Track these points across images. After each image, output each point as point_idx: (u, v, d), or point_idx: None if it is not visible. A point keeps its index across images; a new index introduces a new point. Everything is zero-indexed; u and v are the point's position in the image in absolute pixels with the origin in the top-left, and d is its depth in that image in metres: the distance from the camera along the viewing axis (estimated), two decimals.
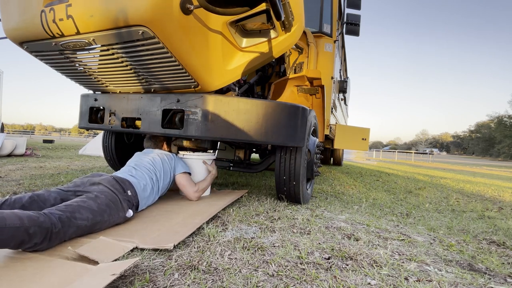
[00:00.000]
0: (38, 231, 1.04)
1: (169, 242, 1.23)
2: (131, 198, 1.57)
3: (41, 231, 1.05)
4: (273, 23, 1.84)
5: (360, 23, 3.55)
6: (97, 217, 1.31)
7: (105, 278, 0.85)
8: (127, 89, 2.04)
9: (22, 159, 4.64)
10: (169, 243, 1.21)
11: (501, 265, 1.34)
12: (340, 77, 4.92)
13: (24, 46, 1.72)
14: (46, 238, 1.08)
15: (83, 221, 1.24)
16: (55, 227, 1.11)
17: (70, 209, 1.22)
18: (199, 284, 0.96)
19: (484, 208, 2.86)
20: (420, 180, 5.58)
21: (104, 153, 2.93)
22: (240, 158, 2.62)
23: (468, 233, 1.87)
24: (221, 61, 1.76)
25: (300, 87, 2.85)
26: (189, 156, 2.23)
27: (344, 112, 6.91)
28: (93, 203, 1.33)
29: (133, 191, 1.61)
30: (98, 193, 1.41)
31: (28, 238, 1.02)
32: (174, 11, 1.39)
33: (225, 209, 1.93)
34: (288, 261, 1.18)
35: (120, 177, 1.61)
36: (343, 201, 2.64)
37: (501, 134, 57.57)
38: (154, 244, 1.21)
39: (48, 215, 1.12)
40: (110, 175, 1.60)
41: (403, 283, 1.05)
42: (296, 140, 1.98)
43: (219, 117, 1.82)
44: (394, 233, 1.70)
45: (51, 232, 1.09)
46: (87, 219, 1.26)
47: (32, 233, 1.02)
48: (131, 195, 1.58)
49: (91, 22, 1.41)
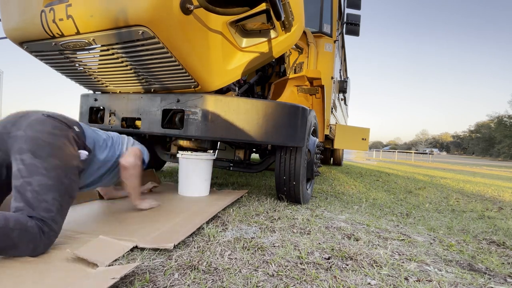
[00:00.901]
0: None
1: (169, 242, 1.22)
2: (79, 135, 1.28)
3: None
4: (273, 23, 1.84)
5: (360, 23, 3.56)
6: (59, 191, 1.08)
7: (105, 281, 0.85)
8: (127, 89, 2.04)
9: None
10: (169, 243, 1.21)
11: (501, 265, 1.34)
12: (340, 77, 4.92)
13: (24, 46, 1.72)
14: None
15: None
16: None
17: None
18: (199, 284, 0.96)
19: (484, 208, 2.86)
20: (420, 180, 5.58)
21: None
22: (240, 158, 2.62)
23: (468, 233, 1.87)
24: (221, 61, 1.76)
25: (300, 87, 2.85)
26: (188, 156, 2.23)
27: (344, 112, 6.91)
28: (41, 178, 1.06)
29: (80, 129, 1.32)
30: (34, 150, 1.08)
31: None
32: (174, 11, 1.39)
33: (225, 209, 1.93)
34: (288, 261, 1.18)
35: (59, 113, 1.28)
36: (343, 201, 2.64)
37: (501, 134, 57.57)
38: (154, 244, 1.21)
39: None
40: (42, 113, 1.21)
41: (403, 283, 1.05)
42: (296, 140, 1.98)
43: (219, 117, 1.82)
44: (394, 233, 1.70)
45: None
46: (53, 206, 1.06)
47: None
48: (79, 132, 1.30)
49: (91, 22, 1.42)
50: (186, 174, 2.25)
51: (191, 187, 2.25)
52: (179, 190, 2.29)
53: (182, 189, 2.27)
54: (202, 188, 2.27)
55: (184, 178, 2.26)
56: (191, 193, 2.24)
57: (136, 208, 1.71)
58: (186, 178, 2.26)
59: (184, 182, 2.27)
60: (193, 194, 2.23)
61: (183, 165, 2.25)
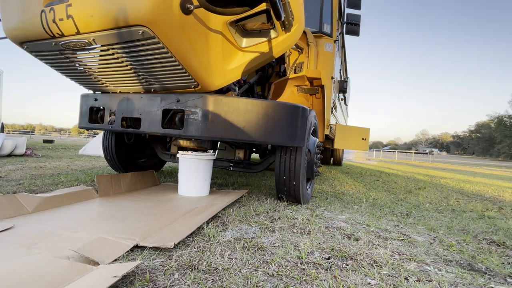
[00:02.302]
0: None
1: (170, 241, 1.23)
2: None
3: None
4: (273, 23, 1.84)
5: (360, 23, 3.56)
6: None
7: (107, 280, 0.85)
8: (127, 89, 2.04)
9: (22, 159, 4.64)
10: (170, 242, 1.22)
11: (501, 265, 1.34)
12: (340, 77, 4.93)
13: (24, 46, 1.72)
14: None
15: None
16: None
17: None
18: (199, 284, 0.96)
19: (484, 208, 2.86)
20: (420, 180, 5.58)
21: (104, 153, 2.93)
22: (240, 158, 2.63)
23: (468, 233, 1.87)
24: (221, 61, 1.76)
25: (300, 87, 2.85)
26: (188, 156, 2.23)
27: (344, 112, 6.91)
28: None
29: None
30: None
31: None
32: (174, 11, 1.39)
33: (225, 209, 1.93)
34: (288, 261, 1.18)
35: None
36: (343, 201, 2.64)
37: (501, 134, 57.57)
38: (154, 243, 1.21)
39: None
40: None
41: (403, 283, 1.05)
42: (296, 140, 1.98)
43: (219, 117, 1.82)
44: (394, 233, 1.70)
45: None
46: None
47: None
48: None
49: (91, 22, 1.42)
50: (186, 174, 2.24)
51: (191, 187, 2.25)
52: (179, 190, 2.29)
53: (182, 189, 2.27)
54: (202, 188, 2.27)
55: (184, 178, 2.26)
56: (191, 193, 2.24)
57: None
58: (186, 178, 2.25)
59: (184, 182, 2.27)
60: (193, 194, 2.23)
61: (183, 165, 2.25)
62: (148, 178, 2.60)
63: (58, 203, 1.74)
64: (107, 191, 2.09)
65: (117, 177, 2.24)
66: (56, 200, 1.74)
